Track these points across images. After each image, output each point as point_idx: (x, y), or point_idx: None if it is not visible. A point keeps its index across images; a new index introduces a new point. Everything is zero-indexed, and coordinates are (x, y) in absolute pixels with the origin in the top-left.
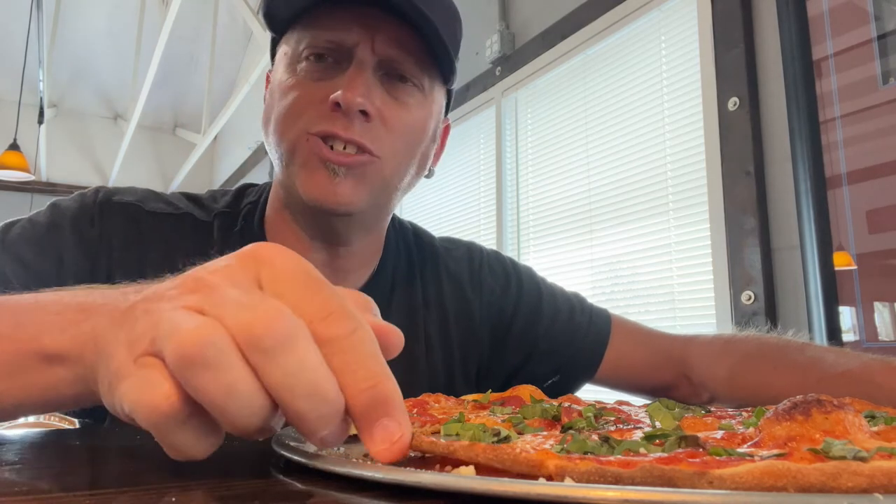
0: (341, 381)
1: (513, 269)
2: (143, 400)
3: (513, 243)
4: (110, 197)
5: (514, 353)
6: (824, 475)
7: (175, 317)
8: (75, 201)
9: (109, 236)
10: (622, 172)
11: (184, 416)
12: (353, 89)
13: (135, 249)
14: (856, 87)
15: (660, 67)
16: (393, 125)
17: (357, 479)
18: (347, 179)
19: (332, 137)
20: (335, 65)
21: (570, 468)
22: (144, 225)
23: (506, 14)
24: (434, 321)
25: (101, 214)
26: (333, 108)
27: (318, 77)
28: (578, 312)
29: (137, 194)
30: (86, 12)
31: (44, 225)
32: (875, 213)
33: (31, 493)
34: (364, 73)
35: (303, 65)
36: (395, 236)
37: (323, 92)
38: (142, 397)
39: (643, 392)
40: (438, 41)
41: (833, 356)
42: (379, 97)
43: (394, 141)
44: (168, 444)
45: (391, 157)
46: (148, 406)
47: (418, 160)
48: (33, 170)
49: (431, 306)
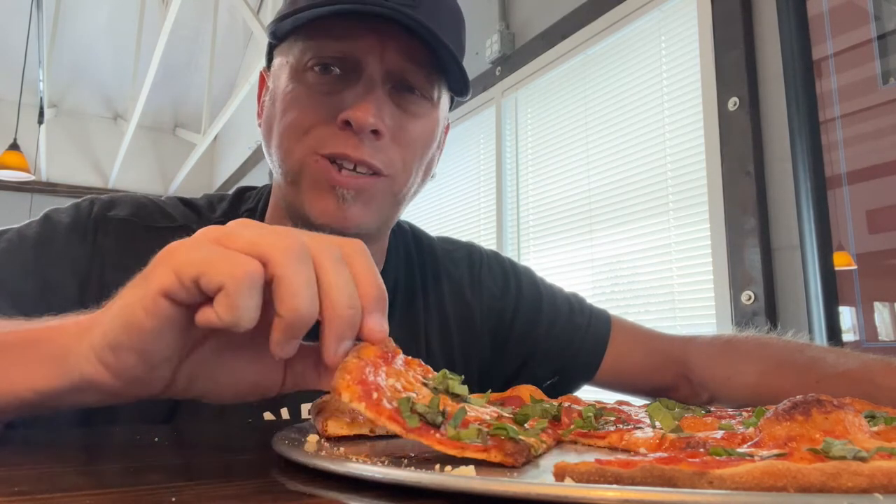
0: None
1: (512, 271)
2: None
3: (513, 243)
4: (105, 212)
5: (514, 354)
6: (824, 475)
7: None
8: (69, 215)
9: (102, 253)
10: (622, 172)
11: (261, 284)
12: (365, 109)
13: (129, 267)
14: (856, 87)
15: (660, 67)
16: (403, 140)
17: (357, 479)
18: (356, 203)
19: (342, 158)
20: (343, 77)
21: (571, 468)
22: (139, 241)
23: (506, 14)
24: (435, 325)
25: (94, 230)
26: (343, 127)
27: (325, 90)
28: (578, 314)
29: (133, 206)
30: (86, 12)
31: (32, 240)
32: (875, 213)
33: (31, 493)
34: (375, 90)
35: (308, 75)
36: (395, 242)
37: (332, 109)
38: (236, 263)
39: (643, 393)
40: (447, 52)
41: (833, 356)
42: (389, 114)
43: (404, 156)
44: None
45: (401, 173)
46: (242, 269)
47: (425, 168)
48: (33, 170)
49: (432, 310)
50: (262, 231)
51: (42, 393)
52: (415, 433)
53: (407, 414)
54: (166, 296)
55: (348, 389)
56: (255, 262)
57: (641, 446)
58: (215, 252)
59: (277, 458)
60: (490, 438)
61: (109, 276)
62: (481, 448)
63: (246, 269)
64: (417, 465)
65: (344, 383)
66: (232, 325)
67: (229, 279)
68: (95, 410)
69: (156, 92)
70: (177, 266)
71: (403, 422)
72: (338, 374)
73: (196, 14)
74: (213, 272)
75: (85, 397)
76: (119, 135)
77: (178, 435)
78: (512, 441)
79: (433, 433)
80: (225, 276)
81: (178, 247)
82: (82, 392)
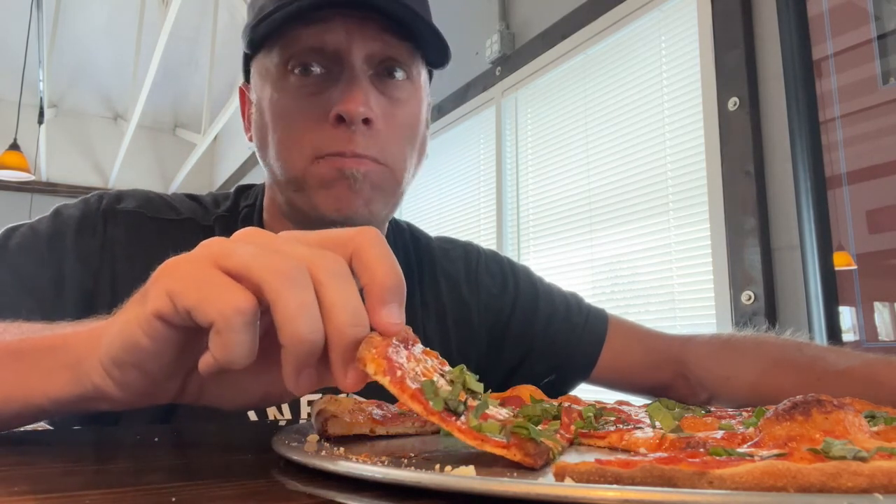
0: None
1: (510, 269)
2: (227, 301)
3: (513, 243)
4: (114, 205)
5: (512, 351)
6: (824, 475)
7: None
8: (78, 209)
9: (112, 245)
10: (622, 172)
11: (254, 318)
12: (354, 100)
13: (138, 258)
14: (856, 87)
15: (660, 67)
16: (393, 127)
17: (357, 478)
18: (366, 186)
19: (341, 156)
20: (325, 74)
21: (571, 468)
22: (147, 232)
23: (506, 14)
24: (433, 321)
25: (104, 223)
26: (336, 124)
27: (311, 91)
28: (575, 312)
29: (140, 200)
30: (86, 12)
31: (45, 234)
32: (875, 213)
33: (31, 493)
34: (359, 79)
35: (291, 79)
36: (393, 238)
37: (321, 108)
38: (226, 299)
39: (641, 391)
40: (422, 23)
41: (833, 355)
42: (375, 100)
43: (397, 142)
44: (226, 344)
45: (398, 161)
46: (232, 306)
47: (419, 151)
48: (33, 170)
49: (430, 307)
50: (259, 250)
51: (57, 401)
52: (437, 416)
53: (431, 396)
54: (161, 319)
55: (374, 362)
56: (246, 295)
57: (641, 446)
58: (209, 279)
59: (277, 458)
60: (511, 436)
61: (120, 267)
62: (502, 444)
63: (236, 306)
64: (417, 465)
65: (370, 356)
66: (228, 365)
67: (219, 317)
68: None
69: (156, 92)
70: (172, 290)
71: (427, 403)
72: (363, 346)
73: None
74: (205, 307)
75: (98, 405)
76: (119, 135)
77: (178, 435)
78: (533, 442)
79: (455, 420)
80: (215, 313)
81: (176, 266)
82: (95, 401)
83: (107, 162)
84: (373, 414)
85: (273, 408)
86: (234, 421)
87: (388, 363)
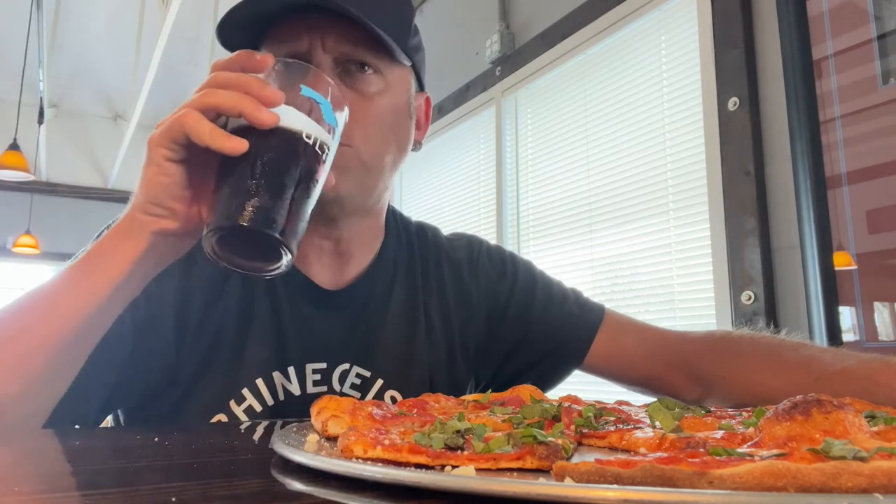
0: None
1: (510, 259)
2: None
3: (513, 243)
4: None
5: (509, 335)
6: (824, 475)
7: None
8: None
9: None
10: (622, 172)
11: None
12: None
13: None
14: (856, 87)
15: (660, 67)
16: (360, 117)
17: (357, 479)
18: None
19: None
20: None
21: (571, 468)
22: None
23: (506, 14)
24: (435, 302)
25: None
26: None
27: None
28: (572, 302)
29: None
30: (86, 13)
31: None
32: (875, 213)
33: (31, 493)
34: None
35: None
36: (396, 226)
37: None
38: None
39: (634, 383)
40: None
41: (829, 355)
42: None
43: (363, 130)
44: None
45: (364, 143)
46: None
47: (396, 139)
48: (33, 170)
49: (432, 289)
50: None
51: (136, 262)
52: (443, 458)
53: (427, 442)
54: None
55: (359, 444)
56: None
57: (641, 446)
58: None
59: (277, 458)
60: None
61: None
62: (515, 456)
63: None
64: (417, 465)
65: (352, 443)
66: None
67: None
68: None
69: (156, 92)
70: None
71: (426, 449)
72: (341, 439)
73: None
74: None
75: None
76: (119, 135)
77: (178, 435)
78: (543, 445)
79: (460, 454)
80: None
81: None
82: (157, 248)
83: (107, 162)
84: (373, 414)
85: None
86: (234, 421)
87: (371, 439)
